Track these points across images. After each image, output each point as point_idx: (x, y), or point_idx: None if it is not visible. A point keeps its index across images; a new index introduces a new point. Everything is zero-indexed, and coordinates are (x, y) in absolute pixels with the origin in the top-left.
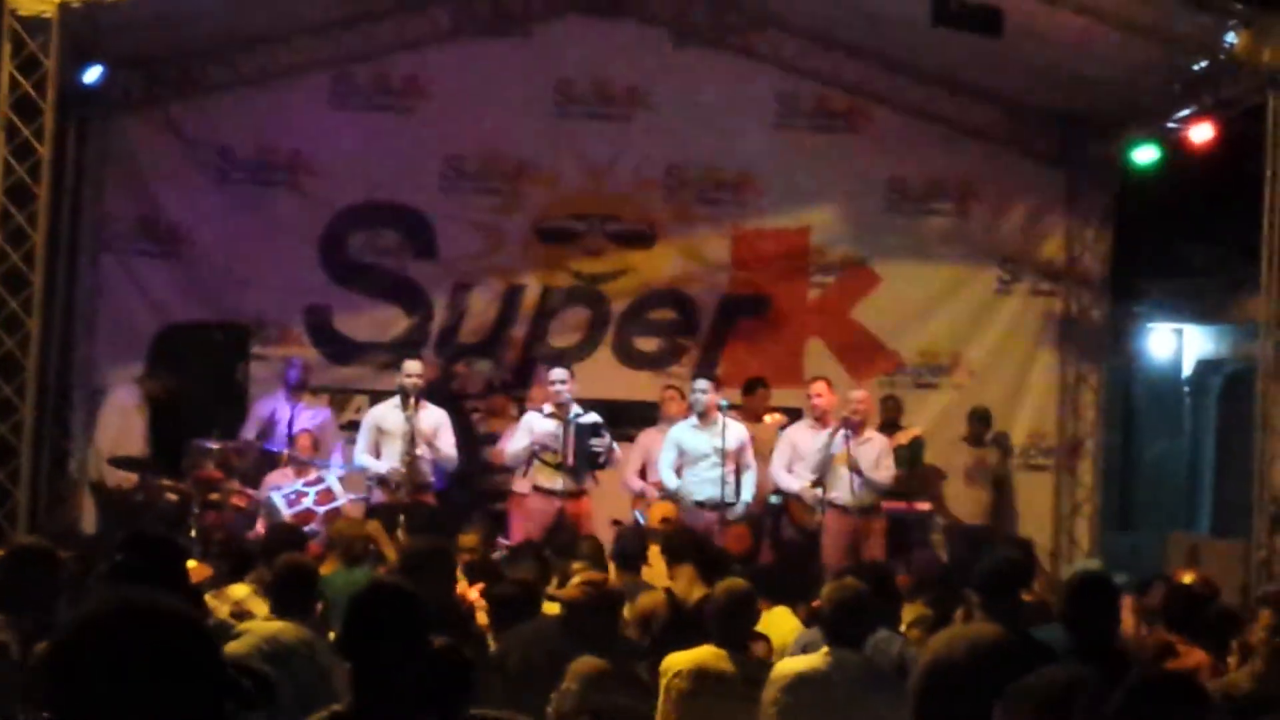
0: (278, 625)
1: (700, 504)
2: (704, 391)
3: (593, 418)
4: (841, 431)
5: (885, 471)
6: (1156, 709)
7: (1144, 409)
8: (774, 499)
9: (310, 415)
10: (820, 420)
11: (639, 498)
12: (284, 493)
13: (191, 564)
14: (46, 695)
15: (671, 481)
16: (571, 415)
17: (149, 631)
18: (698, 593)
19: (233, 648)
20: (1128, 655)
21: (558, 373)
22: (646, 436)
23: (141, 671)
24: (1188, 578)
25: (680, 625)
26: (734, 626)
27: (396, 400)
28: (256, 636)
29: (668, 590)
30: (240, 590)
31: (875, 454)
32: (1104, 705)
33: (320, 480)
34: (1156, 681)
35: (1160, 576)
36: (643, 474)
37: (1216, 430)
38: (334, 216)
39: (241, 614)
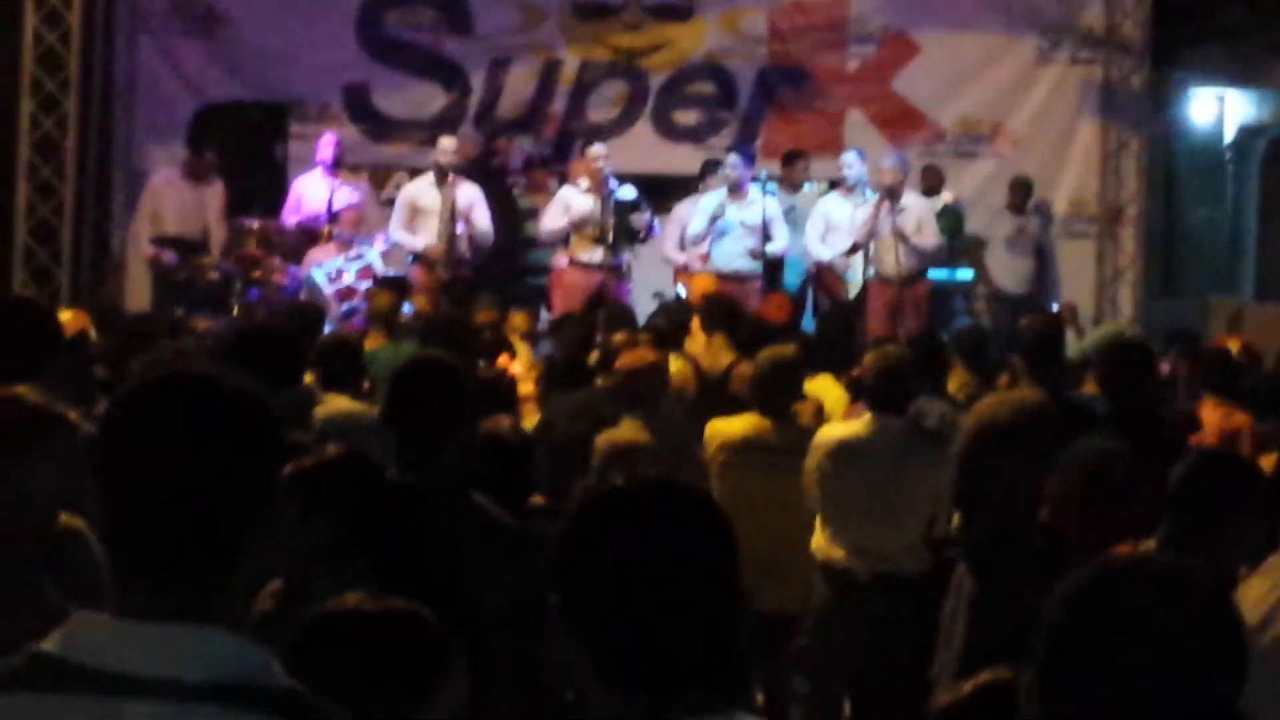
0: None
1: (730, 275)
2: (734, 166)
3: (631, 192)
4: (883, 201)
5: (931, 237)
6: (1214, 486)
7: (1186, 175)
8: (811, 268)
9: (349, 191)
10: (851, 190)
11: (681, 271)
12: (325, 269)
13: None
14: (98, 454)
15: (700, 237)
16: (610, 189)
17: (201, 394)
18: (726, 360)
19: None
20: (1166, 423)
21: (597, 148)
22: (683, 208)
23: (193, 432)
24: (1232, 344)
25: (709, 395)
26: (777, 394)
27: (431, 177)
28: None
29: (693, 361)
30: None
31: (915, 219)
32: (1144, 473)
33: (360, 256)
34: (1214, 462)
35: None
36: (681, 245)
37: (1259, 195)
38: None
39: None
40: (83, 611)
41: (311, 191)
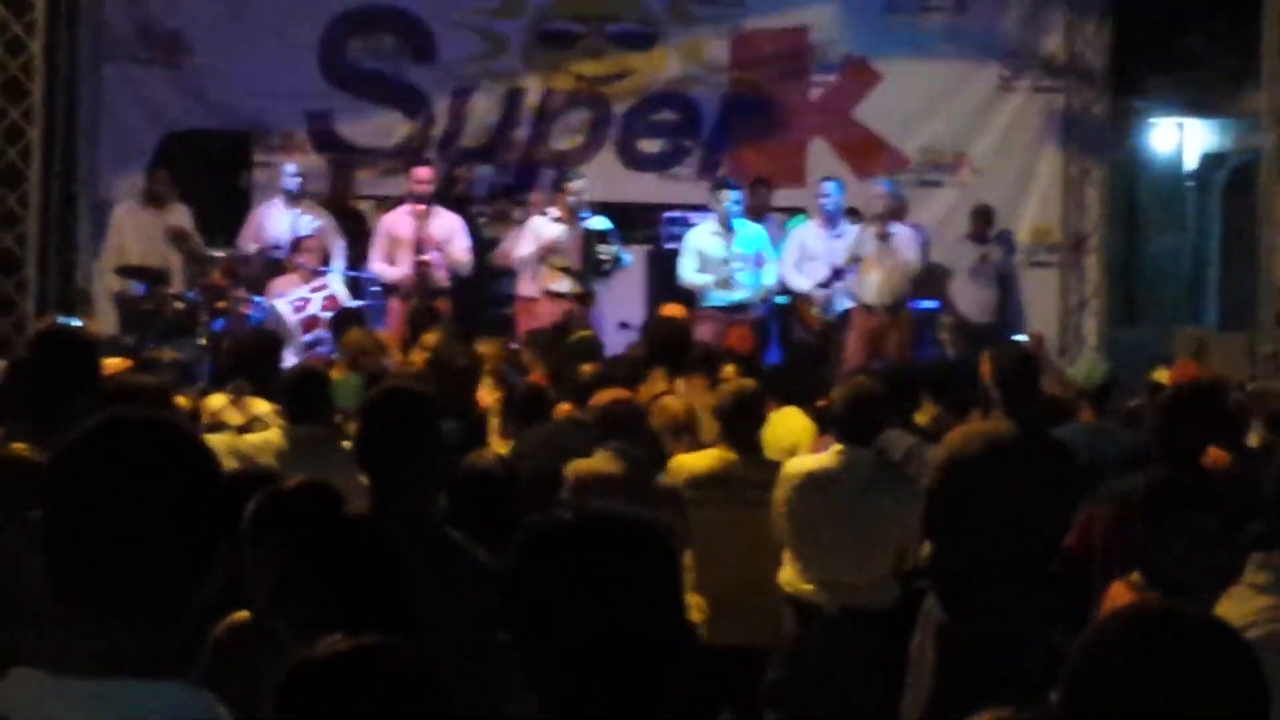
0: (255, 437)
1: (729, 308)
2: (734, 202)
3: (604, 223)
4: (870, 227)
5: (915, 260)
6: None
7: (1148, 204)
8: (780, 299)
9: (310, 221)
10: (829, 220)
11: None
12: (289, 299)
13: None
14: (45, 505)
15: (695, 279)
16: (581, 219)
17: (145, 443)
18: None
19: None
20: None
21: (579, 182)
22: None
23: (137, 481)
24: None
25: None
26: (742, 427)
27: (408, 207)
28: (223, 447)
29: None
30: (216, 401)
31: (905, 243)
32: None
33: (324, 286)
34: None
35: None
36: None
37: (1221, 224)
38: (331, 21)
39: (216, 425)
40: (19, 668)
41: (272, 221)
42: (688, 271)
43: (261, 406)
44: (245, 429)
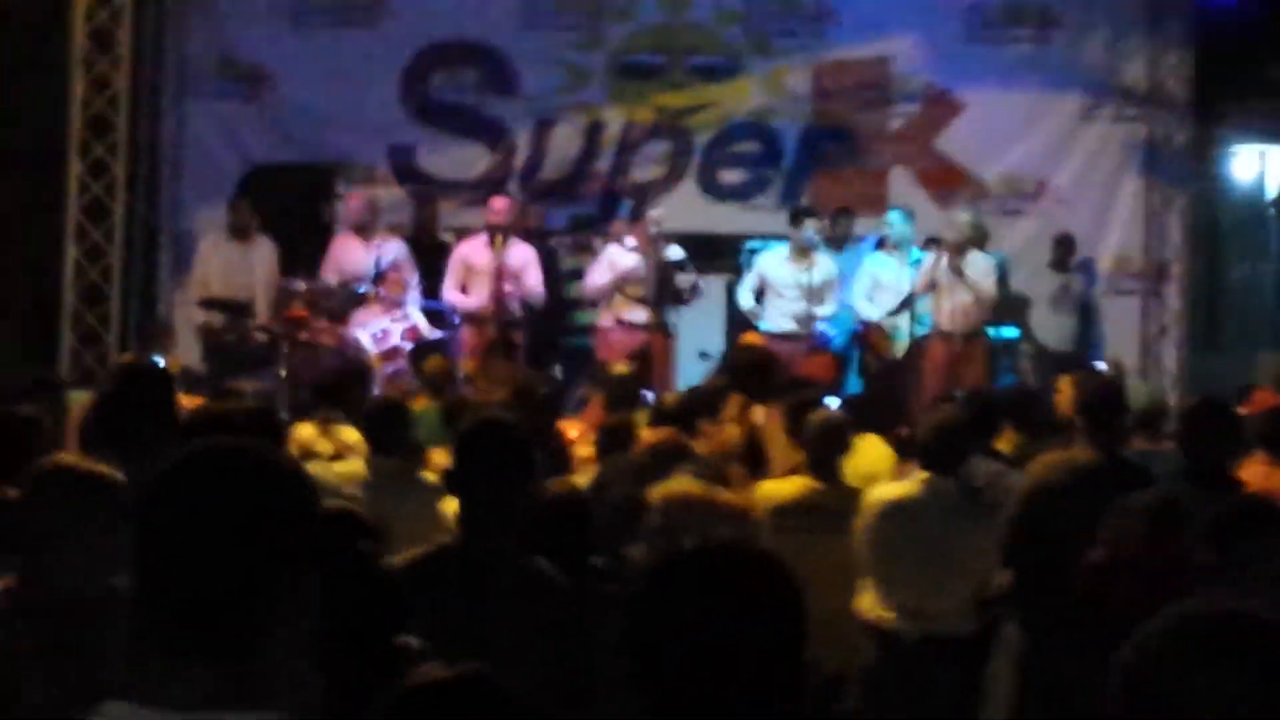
0: (351, 466)
1: (780, 335)
2: (816, 232)
3: (678, 253)
4: (945, 256)
5: (991, 289)
6: (1243, 532)
7: (1229, 231)
8: (845, 327)
9: (389, 251)
10: (896, 249)
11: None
12: (370, 330)
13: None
14: (135, 543)
15: (747, 302)
16: (659, 248)
17: (238, 475)
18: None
19: None
20: (1242, 481)
21: (658, 211)
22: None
23: (228, 515)
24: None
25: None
26: (827, 455)
27: (484, 237)
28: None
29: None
30: (305, 431)
31: (980, 272)
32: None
33: (406, 317)
34: (1244, 507)
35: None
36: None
37: None
38: (414, 55)
39: (306, 455)
40: (111, 702)
41: (350, 252)
42: (743, 295)
43: (351, 436)
44: (335, 458)
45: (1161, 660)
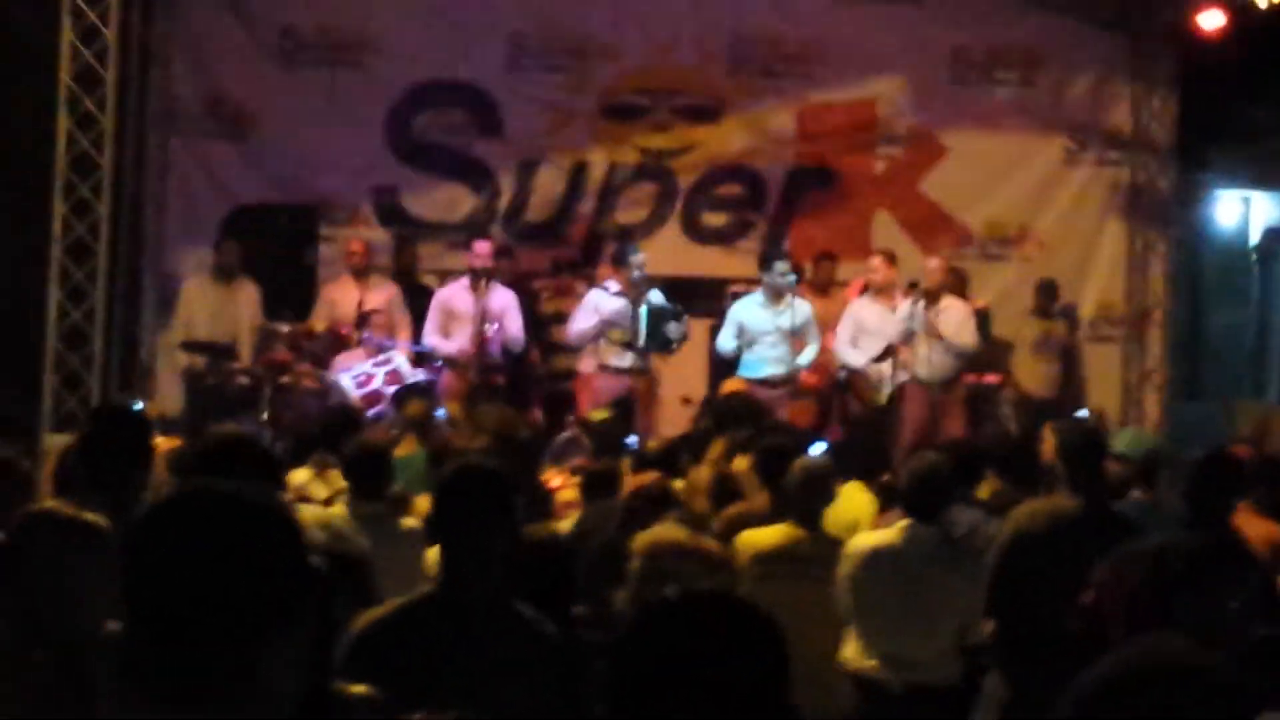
0: (336, 510)
1: (760, 381)
2: (783, 275)
3: (658, 297)
4: (920, 303)
5: (969, 337)
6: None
7: (1211, 278)
8: (841, 374)
9: (377, 295)
10: (880, 294)
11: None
12: (353, 374)
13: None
14: (123, 584)
15: (728, 346)
16: (642, 293)
17: (227, 517)
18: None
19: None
20: (1240, 534)
21: (640, 258)
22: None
23: (218, 558)
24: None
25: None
26: (810, 504)
27: (466, 281)
28: (312, 522)
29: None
30: (300, 475)
31: (956, 320)
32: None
33: (389, 361)
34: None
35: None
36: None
37: None
38: (399, 96)
39: (302, 499)
40: None
41: (340, 296)
42: (724, 340)
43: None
44: (329, 502)
45: (1096, 708)
